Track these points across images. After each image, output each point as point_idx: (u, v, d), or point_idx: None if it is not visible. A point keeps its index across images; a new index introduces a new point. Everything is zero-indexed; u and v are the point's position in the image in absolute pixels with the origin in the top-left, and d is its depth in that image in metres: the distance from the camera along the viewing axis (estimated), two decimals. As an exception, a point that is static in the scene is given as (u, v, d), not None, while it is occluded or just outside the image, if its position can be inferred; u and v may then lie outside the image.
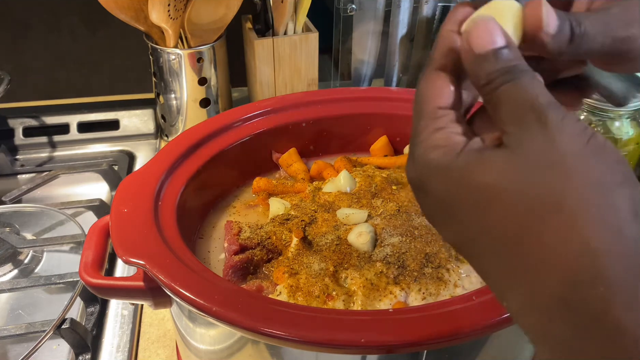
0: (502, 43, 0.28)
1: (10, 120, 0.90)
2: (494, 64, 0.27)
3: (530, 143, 0.25)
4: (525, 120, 0.26)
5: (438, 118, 0.29)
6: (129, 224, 0.44)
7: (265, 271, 0.48)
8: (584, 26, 0.29)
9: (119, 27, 0.86)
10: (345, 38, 0.94)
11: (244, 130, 0.58)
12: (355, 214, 0.51)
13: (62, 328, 0.55)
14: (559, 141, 0.25)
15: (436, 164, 0.28)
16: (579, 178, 0.24)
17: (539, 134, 0.25)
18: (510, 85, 0.27)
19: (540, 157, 0.25)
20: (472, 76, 0.28)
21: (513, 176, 0.25)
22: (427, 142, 0.28)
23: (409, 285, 0.44)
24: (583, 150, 0.25)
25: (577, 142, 0.25)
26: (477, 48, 0.28)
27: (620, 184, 0.25)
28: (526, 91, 0.26)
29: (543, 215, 0.24)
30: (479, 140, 0.28)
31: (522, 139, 0.25)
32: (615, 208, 0.24)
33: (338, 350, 0.37)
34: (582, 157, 0.25)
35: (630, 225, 0.24)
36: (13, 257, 0.70)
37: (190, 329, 0.47)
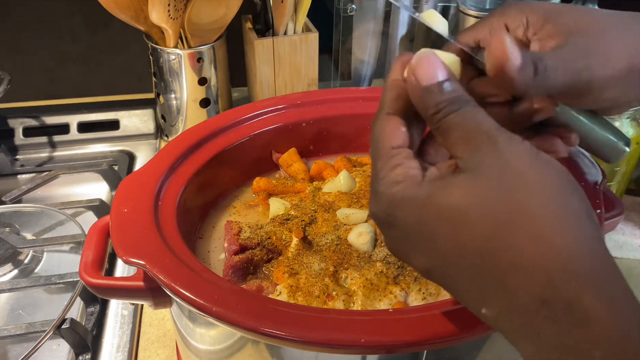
0: (445, 76, 0.31)
1: (10, 120, 0.90)
2: (439, 95, 0.30)
3: (486, 163, 0.28)
4: (477, 144, 0.28)
5: (393, 156, 0.31)
6: (129, 224, 0.44)
7: (265, 271, 0.48)
8: (545, 61, 0.32)
9: (119, 27, 0.86)
10: (345, 38, 0.94)
11: (244, 130, 0.58)
12: (355, 214, 0.51)
13: (62, 328, 0.55)
14: (510, 157, 0.27)
15: (400, 197, 0.30)
16: (536, 188, 0.27)
17: (491, 152, 0.28)
18: (457, 114, 0.29)
19: (498, 175, 0.27)
20: (420, 107, 0.31)
21: (477, 195, 0.27)
22: (387, 179, 0.31)
23: (409, 285, 0.44)
24: (533, 163, 0.28)
25: (526, 157, 0.28)
26: (423, 81, 0.31)
27: (570, 189, 0.28)
28: (473, 118, 0.29)
29: (511, 224, 0.26)
30: (435, 169, 0.30)
31: (478, 161, 0.28)
32: (572, 211, 0.27)
33: (338, 350, 0.37)
34: (533, 169, 0.27)
35: (585, 224, 0.27)
36: (13, 257, 0.70)
37: (190, 329, 0.47)
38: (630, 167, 0.71)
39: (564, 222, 0.26)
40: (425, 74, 0.31)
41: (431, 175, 0.30)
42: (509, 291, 0.26)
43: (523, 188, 0.27)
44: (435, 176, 0.30)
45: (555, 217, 0.26)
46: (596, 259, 0.26)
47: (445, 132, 0.30)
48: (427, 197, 0.29)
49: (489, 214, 0.27)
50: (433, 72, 0.31)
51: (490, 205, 0.27)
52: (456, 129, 0.29)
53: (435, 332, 0.36)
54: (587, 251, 0.26)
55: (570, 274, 0.25)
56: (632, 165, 0.71)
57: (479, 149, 0.28)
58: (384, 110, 0.33)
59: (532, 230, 0.26)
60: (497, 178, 0.27)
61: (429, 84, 0.30)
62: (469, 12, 0.83)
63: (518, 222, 0.26)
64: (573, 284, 0.25)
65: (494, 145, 0.28)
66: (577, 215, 0.27)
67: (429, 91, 0.30)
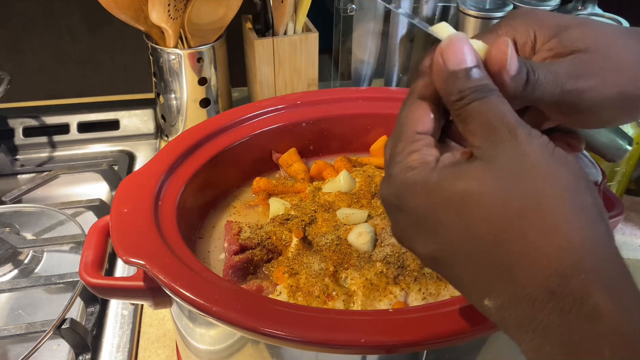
0: (474, 63, 0.30)
1: (10, 120, 0.90)
2: (465, 82, 0.30)
3: (504, 153, 0.28)
4: (496, 134, 0.28)
5: (415, 142, 0.31)
6: (129, 224, 0.44)
7: (265, 271, 0.48)
8: (538, 73, 0.31)
9: (119, 27, 0.86)
10: (345, 38, 0.94)
11: (244, 130, 0.58)
12: (355, 214, 0.51)
13: (62, 328, 0.55)
14: (529, 152, 0.27)
15: (413, 181, 0.29)
16: (552, 182, 0.27)
17: (511, 145, 0.28)
18: (481, 102, 0.29)
19: (515, 166, 0.27)
20: (444, 91, 0.31)
21: (492, 183, 0.27)
22: (403, 163, 0.31)
23: (409, 285, 0.44)
24: (551, 159, 0.28)
25: (545, 153, 0.28)
26: (450, 65, 0.30)
27: (585, 188, 0.28)
28: (496, 108, 0.29)
29: (522, 215, 0.26)
30: (450, 155, 0.30)
31: (495, 151, 0.28)
32: (586, 207, 0.27)
33: (338, 350, 0.37)
34: (551, 165, 0.27)
35: (598, 223, 0.27)
36: (13, 257, 0.70)
37: (190, 329, 0.47)
38: (630, 167, 0.71)
39: (578, 217, 0.26)
40: (454, 58, 0.30)
41: (445, 160, 0.30)
42: (517, 281, 0.26)
43: (539, 181, 0.27)
44: (449, 162, 0.29)
45: (570, 212, 0.26)
46: (607, 256, 0.26)
47: (465, 119, 0.29)
48: (438, 182, 0.28)
49: (503, 203, 0.27)
50: (462, 57, 0.30)
51: (505, 195, 0.27)
52: (478, 117, 0.29)
53: (435, 332, 0.36)
54: (598, 248, 0.26)
55: (581, 267, 0.25)
56: (632, 165, 0.71)
57: (498, 139, 0.28)
58: (415, 95, 0.33)
59: (546, 223, 0.26)
60: (514, 169, 0.27)
61: (456, 69, 0.30)
62: (469, 12, 0.83)
63: (532, 214, 0.26)
64: (583, 277, 0.25)
65: (513, 138, 0.28)
66: (590, 212, 0.27)
67: (455, 76, 0.30)
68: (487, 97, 0.29)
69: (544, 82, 0.32)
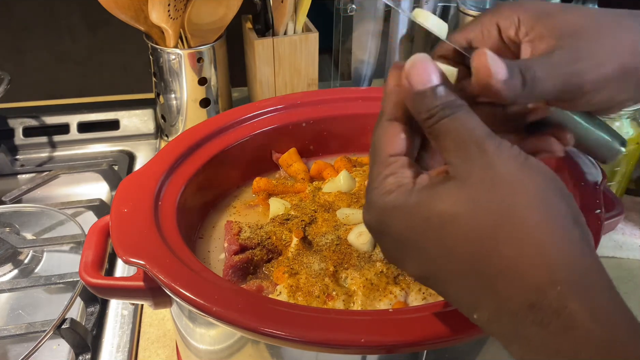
0: (438, 81, 0.31)
1: (10, 120, 0.90)
2: (432, 100, 0.30)
3: (474, 170, 0.28)
4: (467, 151, 0.29)
5: (390, 165, 0.32)
6: (129, 224, 0.44)
7: (265, 271, 0.48)
8: (534, 70, 0.31)
9: (119, 27, 0.86)
10: (345, 38, 0.94)
11: (244, 130, 0.58)
12: (355, 214, 0.51)
13: (62, 328, 0.55)
14: (498, 165, 0.28)
15: (392, 206, 0.30)
16: (521, 193, 0.27)
17: (480, 161, 0.28)
18: (450, 119, 0.30)
19: (485, 181, 0.28)
20: (414, 111, 0.31)
21: (465, 202, 0.28)
22: (380, 189, 0.31)
23: (409, 285, 0.44)
24: (521, 169, 0.28)
25: (514, 163, 0.28)
26: (417, 85, 0.31)
27: (558, 195, 0.28)
28: (464, 124, 0.29)
29: (496, 230, 0.27)
30: (426, 177, 0.31)
31: (467, 168, 0.28)
32: (558, 215, 0.27)
33: (338, 350, 0.37)
34: (521, 175, 0.28)
35: (572, 229, 0.27)
36: (13, 257, 0.70)
37: (190, 329, 0.47)
38: (630, 167, 0.71)
39: (550, 228, 0.27)
40: (418, 78, 0.31)
41: (421, 182, 0.30)
42: (498, 297, 0.27)
43: (509, 195, 0.27)
44: (425, 184, 0.30)
45: (542, 224, 0.27)
46: (582, 265, 0.26)
47: (437, 137, 0.30)
48: (416, 204, 0.29)
49: (476, 221, 0.27)
50: (427, 77, 0.31)
51: (477, 213, 0.27)
52: (448, 134, 0.30)
53: (435, 332, 0.36)
54: (573, 258, 0.26)
55: (556, 280, 0.26)
56: (632, 165, 0.71)
57: (468, 156, 0.29)
58: (385, 117, 0.34)
59: (518, 238, 0.26)
60: (485, 185, 0.28)
61: (422, 89, 0.31)
62: (468, 12, 0.83)
63: (505, 230, 0.27)
64: (559, 288, 0.25)
65: (483, 153, 0.28)
66: (564, 221, 0.27)
67: (422, 95, 0.31)
68: (455, 114, 0.30)
69: (543, 76, 0.32)
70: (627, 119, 0.66)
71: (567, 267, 0.26)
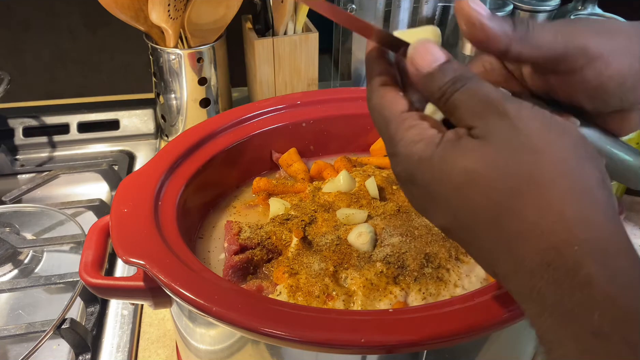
0: (443, 58, 0.31)
1: (10, 120, 0.90)
2: (442, 78, 0.31)
3: (497, 130, 0.28)
4: (486, 115, 0.29)
5: (405, 119, 0.32)
6: (129, 224, 0.44)
7: (265, 271, 0.48)
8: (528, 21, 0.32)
9: (119, 27, 0.86)
10: (345, 38, 0.94)
11: (244, 130, 0.58)
12: (355, 214, 0.51)
13: (62, 328, 0.55)
14: (521, 125, 0.28)
15: (419, 157, 0.30)
16: (546, 155, 0.27)
17: (502, 122, 0.28)
18: (462, 91, 0.30)
19: (508, 142, 0.28)
20: (426, 93, 0.32)
21: (486, 161, 0.28)
22: (405, 140, 0.31)
23: (409, 285, 0.44)
24: (546, 130, 0.28)
25: (538, 124, 0.28)
26: (423, 68, 0.31)
27: (584, 157, 0.28)
28: (478, 92, 0.30)
29: (518, 191, 0.27)
30: (452, 132, 0.30)
31: (489, 129, 0.28)
32: (582, 178, 0.27)
33: (338, 350, 0.37)
34: (546, 137, 0.28)
35: (597, 191, 0.27)
36: (13, 257, 0.70)
37: (190, 329, 0.47)
38: (630, 167, 0.71)
39: (575, 195, 0.26)
40: (423, 61, 0.31)
41: (448, 136, 0.30)
42: (515, 255, 0.27)
43: (532, 155, 0.27)
44: (451, 138, 0.30)
45: (566, 190, 0.26)
46: (604, 229, 0.26)
47: (452, 111, 0.30)
48: (442, 158, 0.29)
49: (499, 179, 0.27)
50: (431, 57, 0.31)
51: (499, 172, 0.27)
52: (463, 105, 0.30)
53: (435, 332, 0.36)
54: (594, 221, 0.26)
55: (574, 240, 0.26)
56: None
57: (489, 119, 0.29)
58: (376, 83, 0.34)
59: (539, 199, 0.26)
60: (506, 145, 0.28)
61: (429, 70, 0.31)
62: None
63: (525, 190, 0.27)
64: (576, 248, 0.25)
65: (504, 115, 0.28)
66: (587, 183, 0.27)
67: (431, 76, 0.31)
68: (466, 85, 0.30)
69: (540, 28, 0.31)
70: (627, 119, 0.66)
71: (587, 229, 0.26)
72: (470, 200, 0.28)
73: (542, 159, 0.27)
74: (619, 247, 0.26)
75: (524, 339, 0.46)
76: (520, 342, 0.46)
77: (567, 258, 0.25)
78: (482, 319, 0.37)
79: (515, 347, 0.47)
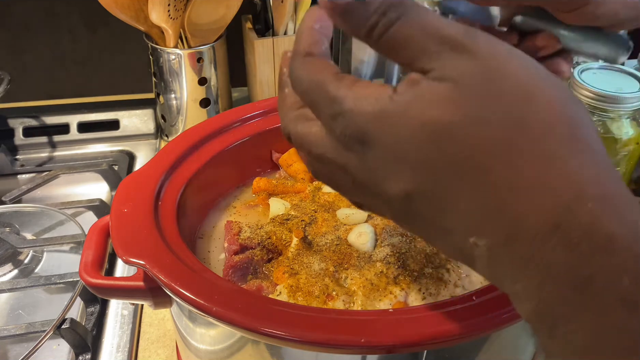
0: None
1: (10, 120, 0.90)
2: (366, 7, 0.25)
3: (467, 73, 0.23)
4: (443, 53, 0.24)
5: (344, 77, 0.27)
6: (129, 224, 0.44)
7: (265, 271, 0.48)
8: None
9: (119, 27, 0.86)
10: (345, 38, 0.94)
11: (244, 130, 0.58)
12: (355, 214, 0.51)
13: (62, 328, 0.55)
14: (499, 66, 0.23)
15: (373, 112, 0.25)
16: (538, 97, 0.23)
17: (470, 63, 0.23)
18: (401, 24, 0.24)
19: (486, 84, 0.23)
20: (351, 31, 0.26)
21: (464, 107, 0.23)
22: (352, 97, 0.26)
23: (409, 285, 0.44)
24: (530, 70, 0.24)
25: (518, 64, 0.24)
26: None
27: (577, 100, 0.24)
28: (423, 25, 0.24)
29: (514, 144, 0.23)
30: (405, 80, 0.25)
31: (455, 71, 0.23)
32: (581, 124, 0.23)
33: (338, 350, 0.37)
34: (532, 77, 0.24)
35: (597, 139, 0.24)
36: (13, 257, 0.70)
37: (190, 329, 0.47)
38: (630, 167, 0.71)
39: (574, 138, 0.23)
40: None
41: (403, 86, 0.25)
42: (511, 217, 0.23)
43: (520, 98, 0.23)
44: (407, 87, 0.25)
45: (564, 132, 0.23)
46: (611, 181, 0.23)
47: (393, 49, 0.25)
48: (403, 110, 0.24)
49: (481, 131, 0.23)
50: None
51: (481, 121, 0.23)
52: (407, 43, 0.24)
53: (435, 332, 0.36)
54: (601, 173, 0.23)
55: (586, 196, 0.22)
56: (632, 165, 0.71)
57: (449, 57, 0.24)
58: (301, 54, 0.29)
59: (537, 149, 0.22)
60: (485, 88, 0.23)
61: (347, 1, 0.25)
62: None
63: (522, 141, 0.23)
64: (590, 205, 0.22)
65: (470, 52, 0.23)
66: (587, 129, 0.23)
67: (351, 8, 0.25)
68: (405, 16, 0.24)
69: None
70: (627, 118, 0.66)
71: (597, 184, 0.22)
72: (444, 156, 0.23)
73: (534, 101, 0.23)
74: (630, 202, 0.23)
75: (524, 339, 0.46)
76: (520, 342, 0.46)
77: (581, 217, 0.22)
78: (482, 319, 0.37)
79: (515, 347, 0.47)
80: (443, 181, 0.24)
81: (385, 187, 0.26)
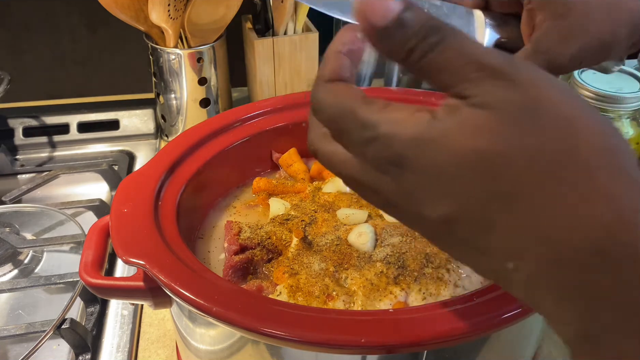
0: (401, 6, 0.25)
1: (10, 120, 0.90)
2: (403, 33, 0.25)
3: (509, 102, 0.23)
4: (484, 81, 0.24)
5: (374, 102, 0.27)
6: (129, 224, 0.44)
7: (265, 271, 0.48)
8: None
9: (119, 27, 0.86)
10: (345, 38, 0.94)
11: (244, 130, 0.58)
12: (355, 214, 0.51)
13: (62, 328, 0.55)
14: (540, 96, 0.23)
15: (411, 136, 0.25)
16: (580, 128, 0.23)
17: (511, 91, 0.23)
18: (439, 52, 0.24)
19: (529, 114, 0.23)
20: (387, 54, 0.26)
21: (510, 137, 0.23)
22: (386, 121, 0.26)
23: (409, 285, 0.44)
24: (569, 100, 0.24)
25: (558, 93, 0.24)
26: (378, 22, 0.25)
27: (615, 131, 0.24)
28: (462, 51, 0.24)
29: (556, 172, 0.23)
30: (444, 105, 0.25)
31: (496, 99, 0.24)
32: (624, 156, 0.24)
33: (338, 350, 0.37)
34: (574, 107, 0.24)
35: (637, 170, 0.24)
36: (13, 257, 0.70)
37: (190, 329, 0.47)
38: (630, 167, 0.71)
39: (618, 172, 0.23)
40: (376, 13, 0.25)
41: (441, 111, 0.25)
42: (554, 244, 0.23)
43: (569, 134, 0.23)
44: (446, 112, 0.25)
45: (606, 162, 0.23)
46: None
47: (431, 75, 0.25)
48: (443, 136, 0.24)
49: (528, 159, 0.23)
50: (385, 6, 0.25)
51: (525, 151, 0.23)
52: (447, 68, 0.24)
53: (435, 332, 0.36)
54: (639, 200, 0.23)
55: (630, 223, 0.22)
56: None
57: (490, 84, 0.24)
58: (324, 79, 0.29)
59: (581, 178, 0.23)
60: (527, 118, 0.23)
61: (385, 23, 0.25)
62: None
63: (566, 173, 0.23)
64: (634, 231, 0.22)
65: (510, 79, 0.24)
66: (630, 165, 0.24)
67: (388, 32, 0.25)
68: (442, 43, 0.24)
69: None
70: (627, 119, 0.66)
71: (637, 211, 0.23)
72: (488, 184, 0.24)
73: (578, 133, 0.23)
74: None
75: (524, 339, 0.46)
76: (520, 342, 0.46)
77: (626, 245, 0.22)
78: (482, 319, 0.37)
79: (516, 347, 0.47)
80: (485, 208, 0.24)
81: (422, 210, 0.26)
